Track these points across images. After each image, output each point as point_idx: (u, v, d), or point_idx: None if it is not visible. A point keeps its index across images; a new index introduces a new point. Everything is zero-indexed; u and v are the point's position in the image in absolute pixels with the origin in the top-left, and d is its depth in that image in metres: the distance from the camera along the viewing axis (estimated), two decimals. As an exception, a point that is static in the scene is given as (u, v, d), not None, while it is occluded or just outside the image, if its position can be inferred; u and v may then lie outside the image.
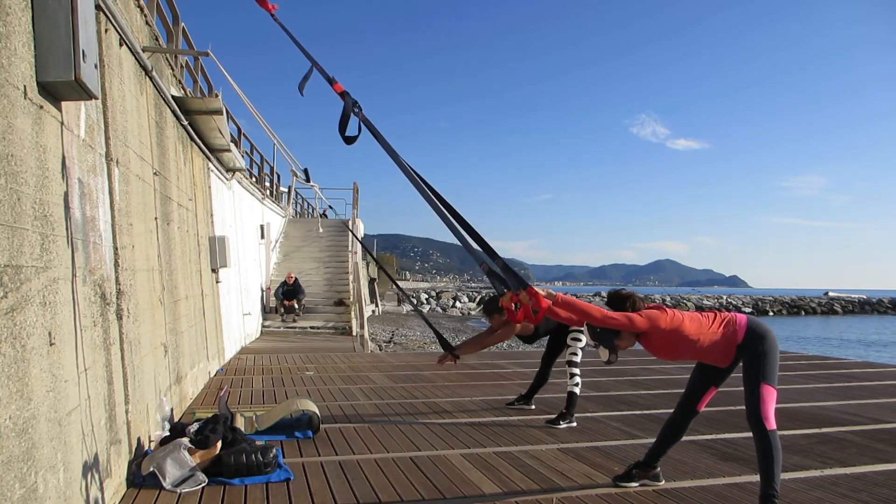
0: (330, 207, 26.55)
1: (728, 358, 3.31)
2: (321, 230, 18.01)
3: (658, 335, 3.30)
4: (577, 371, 5.29)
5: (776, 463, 3.15)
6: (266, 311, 15.20)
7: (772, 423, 3.18)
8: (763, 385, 3.20)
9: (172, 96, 6.28)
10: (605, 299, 3.52)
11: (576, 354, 5.34)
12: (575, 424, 5.17)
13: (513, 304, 3.18)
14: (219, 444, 3.86)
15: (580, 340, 5.33)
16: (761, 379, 3.20)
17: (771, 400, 3.20)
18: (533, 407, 5.85)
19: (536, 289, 3.16)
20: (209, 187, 8.86)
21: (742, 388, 3.27)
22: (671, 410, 3.70)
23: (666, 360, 3.45)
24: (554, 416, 5.26)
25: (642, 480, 3.66)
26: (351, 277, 16.82)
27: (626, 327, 3.26)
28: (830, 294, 71.75)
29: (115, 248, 3.73)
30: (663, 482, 3.68)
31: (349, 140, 3.67)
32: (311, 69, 3.83)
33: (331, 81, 3.72)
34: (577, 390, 5.25)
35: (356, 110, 3.61)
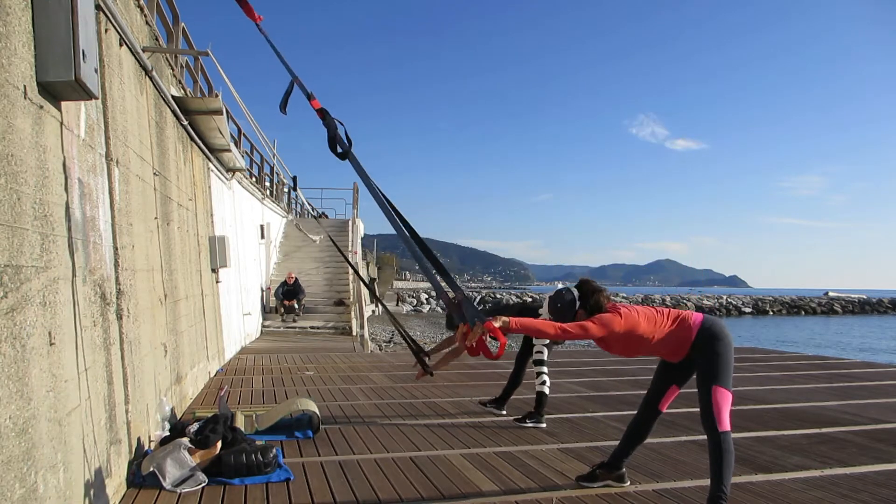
0: (323, 215, 26.56)
1: (681, 354, 3.32)
2: (316, 239, 17.98)
3: (613, 338, 3.32)
4: (544, 370, 5.24)
5: (727, 465, 3.14)
6: (266, 311, 15.19)
7: (725, 426, 3.17)
8: (715, 388, 3.18)
9: (172, 96, 6.28)
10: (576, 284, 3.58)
11: (541, 353, 5.30)
12: (543, 426, 5.08)
13: (465, 339, 3.24)
14: (219, 444, 3.86)
15: (542, 341, 5.32)
16: (713, 381, 3.20)
17: (724, 402, 3.18)
18: (504, 412, 5.60)
19: (493, 323, 3.15)
20: (209, 187, 8.86)
21: (737, 388, 3.28)
22: (672, 411, 3.71)
23: (622, 356, 3.48)
24: (521, 415, 5.20)
25: (606, 481, 3.62)
26: (351, 277, 16.82)
27: (581, 337, 3.31)
28: (830, 294, 71.73)
29: (115, 248, 3.73)
30: (628, 483, 3.63)
31: (342, 156, 3.69)
32: (292, 84, 3.83)
33: (309, 97, 3.73)
34: (545, 390, 5.17)
35: (340, 125, 3.66)
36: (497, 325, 3.17)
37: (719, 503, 3.12)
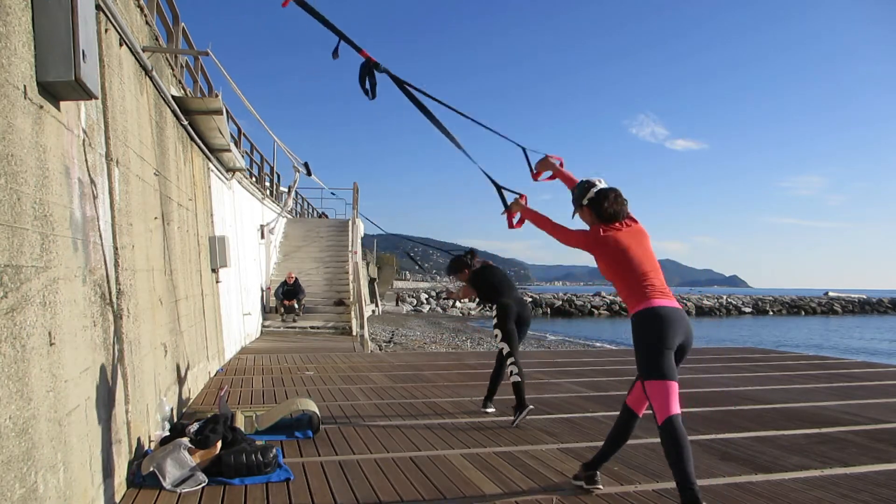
0: (332, 194, 26.37)
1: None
2: (321, 232, 17.98)
3: (598, 255, 3.43)
4: (512, 359, 5.26)
5: (678, 454, 3.01)
6: (266, 310, 15.20)
7: (661, 418, 3.05)
8: (645, 383, 3.12)
9: (172, 96, 6.29)
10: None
11: (504, 348, 5.35)
12: (531, 407, 5.18)
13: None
14: (219, 444, 3.86)
15: (498, 336, 5.40)
16: (642, 377, 3.16)
17: (655, 395, 3.07)
18: (491, 410, 5.62)
19: (509, 211, 4.06)
20: (209, 187, 8.86)
21: (737, 388, 3.27)
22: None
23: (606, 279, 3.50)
24: (512, 418, 5.20)
25: (579, 481, 3.59)
26: (351, 277, 16.83)
27: (566, 240, 3.54)
28: (830, 294, 71.77)
29: (115, 248, 3.73)
30: (601, 488, 3.57)
31: (372, 88, 3.99)
32: (339, 42, 3.91)
33: (358, 50, 3.95)
34: (517, 379, 5.18)
35: (381, 69, 3.94)
36: (512, 207, 4.00)
37: (691, 490, 2.96)
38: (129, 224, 4.09)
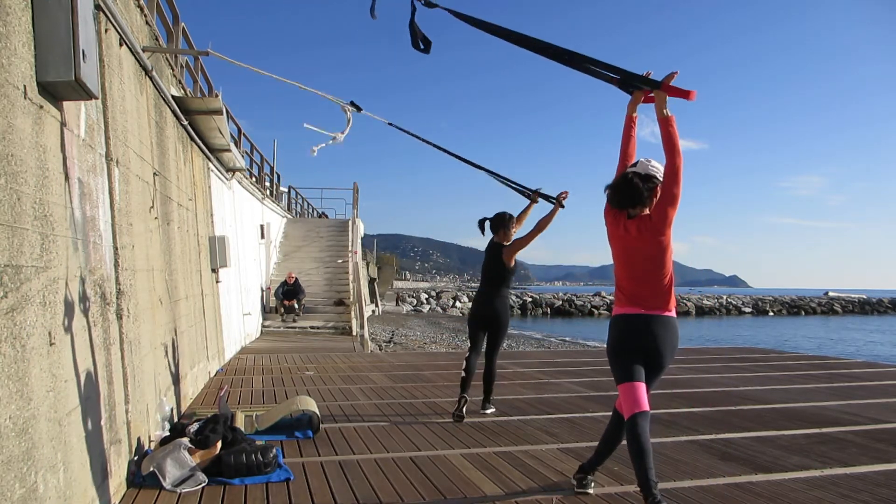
0: (323, 215, 26.15)
1: None
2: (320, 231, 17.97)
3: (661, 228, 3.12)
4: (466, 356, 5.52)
5: (640, 452, 3.03)
6: (266, 310, 15.20)
7: (626, 417, 3.13)
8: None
9: (172, 96, 6.29)
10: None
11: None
12: (466, 398, 5.34)
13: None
14: (219, 444, 3.86)
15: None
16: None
17: (622, 396, 3.20)
18: (491, 411, 5.65)
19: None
20: (209, 187, 8.86)
21: (737, 388, 3.27)
22: (671, 411, 3.70)
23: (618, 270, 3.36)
24: (509, 417, 5.37)
25: (570, 484, 3.57)
26: (351, 277, 16.83)
27: (673, 168, 3.07)
28: (830, 294, 71.79)
29: (115, 248, 3.73)
30: (592, 492, 3.54)
31: (425, 44, 3.82)
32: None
33: None
34: (463, 374, 5.41)
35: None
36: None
37: (650, 490, 2.97)
38: (129, 224, 4.09)
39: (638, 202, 3.15)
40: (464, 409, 5.30)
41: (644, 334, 3.16)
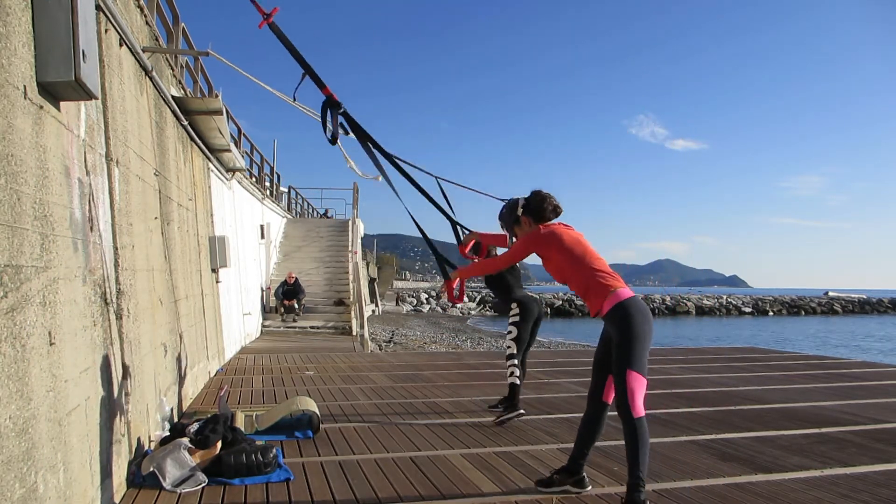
0: (324, 215, 26.09)
1: (592, 310, 3.34)
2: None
3: (544, 258, 3.50)
4: (514, 362, 5.35)
5: (642, 451, 3.10)
6: (266, 310, 15.20)
7: (639, 412, 3.13)
8: (629, 372, 3.14)
9: (172, 96, 6.29)
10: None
11: (510, 347, 5.40)
12: (523, 411, 5.24)
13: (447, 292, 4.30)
14: (219, 444, 3.86)
15: (511, 333, 5.41)
16: (627, 365, 3.15)
17: (638, 388, 3.15)
18: (522, 411, 5.55)
19: (451, 276, 4.26)
20: (209, 187, 8.86)
21: (737, 388, 3.27)
22: (671, 410, 3.70)
23: (558, 281, 3.58)
24: (501, 413, 5.28)
25: (564, 486, 3.54)
26: (351, 277, 16.84)
27: (509, 261, 3.73)
28: (830, 294, 71.79)
29: (115, 248, 3.73)
30: (589, 488, 3.55)
31: (334, 137, 4.02)
32: (304, 75, 3.91)
33: (322, 86, 3.94)
34: (515, 381, 5.28)
35: (340, 111, 3.89)
36: (451, 276, 4.22)
37: (638, 490, 3.07)
38: (129, 224, 4.09)
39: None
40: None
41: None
